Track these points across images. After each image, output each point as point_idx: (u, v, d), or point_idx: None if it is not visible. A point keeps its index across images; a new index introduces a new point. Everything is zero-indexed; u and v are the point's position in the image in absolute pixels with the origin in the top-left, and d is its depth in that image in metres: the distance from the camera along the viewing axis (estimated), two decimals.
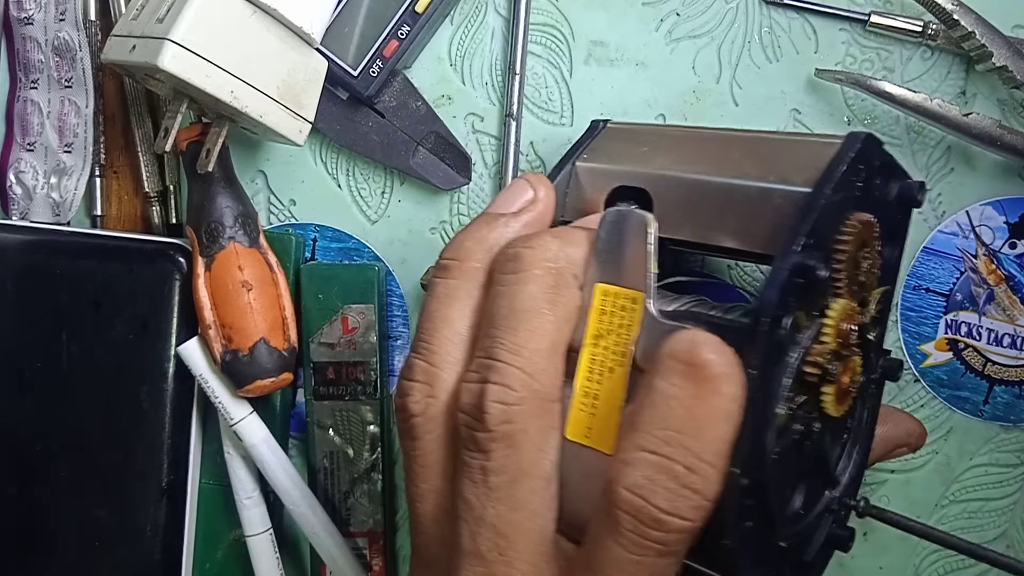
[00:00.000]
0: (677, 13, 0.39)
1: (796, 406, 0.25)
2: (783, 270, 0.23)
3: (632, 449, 0.23)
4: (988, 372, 0.39)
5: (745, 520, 0.24)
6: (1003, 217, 0.38)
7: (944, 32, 0.36)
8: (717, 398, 0.22)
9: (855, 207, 0.26)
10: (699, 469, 0.22)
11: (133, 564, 0.40)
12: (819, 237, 0.24)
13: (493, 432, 0.25)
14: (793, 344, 0.24)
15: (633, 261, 0.26)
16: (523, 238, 0.28)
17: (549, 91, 0.40)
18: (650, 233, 0.26)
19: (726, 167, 0.28)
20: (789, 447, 0.26)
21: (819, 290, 0.25)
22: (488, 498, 0.25)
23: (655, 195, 0.30)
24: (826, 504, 0.29)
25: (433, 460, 0.28)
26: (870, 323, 0.28)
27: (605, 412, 0.26)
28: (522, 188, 0.30)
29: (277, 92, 0.35)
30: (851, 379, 0.26)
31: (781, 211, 0.26)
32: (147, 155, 0.42)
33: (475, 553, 0.25)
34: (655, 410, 0.23)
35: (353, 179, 0.41)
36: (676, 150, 0.31)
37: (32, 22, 0.41)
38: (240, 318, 0.37)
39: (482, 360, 0.26)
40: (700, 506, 0.23)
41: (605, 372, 0.26)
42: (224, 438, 0.40)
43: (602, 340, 0.26)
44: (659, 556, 0.23)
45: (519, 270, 0.27)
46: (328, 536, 0.40)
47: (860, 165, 0.26)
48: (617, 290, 0.26)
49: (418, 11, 0.37)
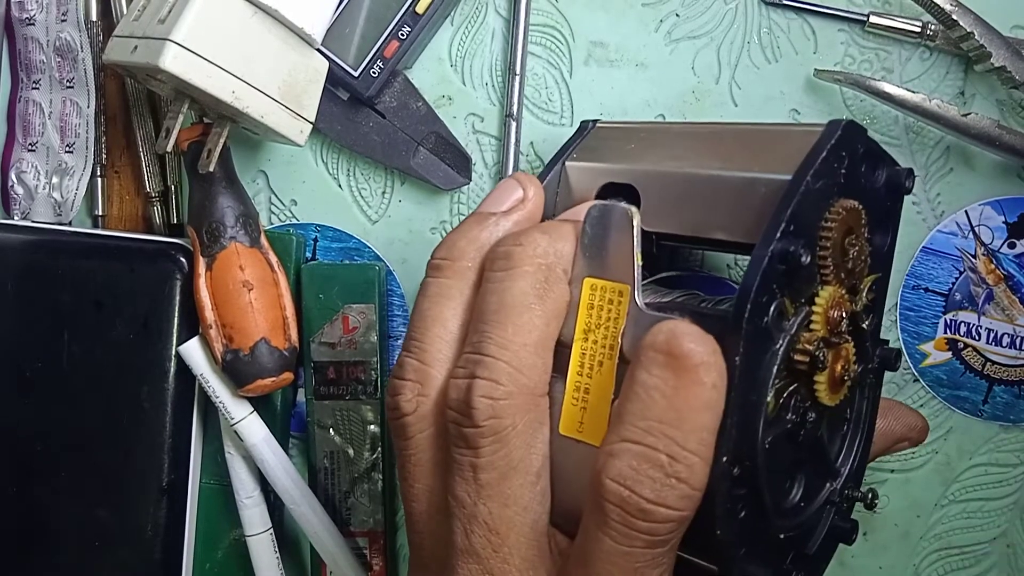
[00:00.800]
0: (677, 14, 0.39)
1: (787, 395, 0.25)
2: (764, 256, 0.23)
3: (616, 440, 0.23)
4: (987, 372, 0.39)
5: (738, 510, 0.24)
6: (1002, 217, 0.38)
7: (943, 32, 0.37)
8: (698, 387, 0.22)
9: (840, 194, 0.26)
10: (683, 458, 0.22)
11: (133, 564, 0.40)
12: (801, 224, 0.24)
13: (481, 428, 0.25)
14: (779, 331, 0.24)
15: (618, 254, 0.26)
16: (513, 236, 0.28)
17: (549, 92, 0.40)
18: (634, 226, 0.26)
19: (712, 159, 0.29)
20: (782, 437, 0.26)
21: (804, 277, 0.25)
22: (479, 495, 0.25)
23: (642, 190, 0.30)
24: (827, 496, 0.29)
25: (426, 459, 0.28)
26: (862, 311, 0.28)
27: (596, 406, 0.26)
28: (512, 187, 0.31)
29: (278, 92, 0.35)
30: (844, 367, 0.26)
31: (766, 200, 0.26)
32: (148, 155, 0.42)
33: (469, 550, 0.26)
34: (637, 401, 0.23)
35: (354, 179, 0.42)
36: (663, 146, 0.31)
37: (34, 23, 0.42)
38: (241, 318, 0.38)
39: (470, 355, 0.26)
40: (687, 495, 0.23)
41: (595, 366, 0.26)
42: (225, 438, 0.40)
43: (591, 334, 0.26)
44: (648, 547, 0.23)
45: (509, 267, 0.27)
46: (328, 536, 0.40)
47: (842, 152, 0.26)
48: (604, 284, 0.26)
49: (419, 12, 0.38)
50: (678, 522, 0.23)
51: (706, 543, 0.24)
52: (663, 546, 0.23)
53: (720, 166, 0.28)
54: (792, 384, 0.25)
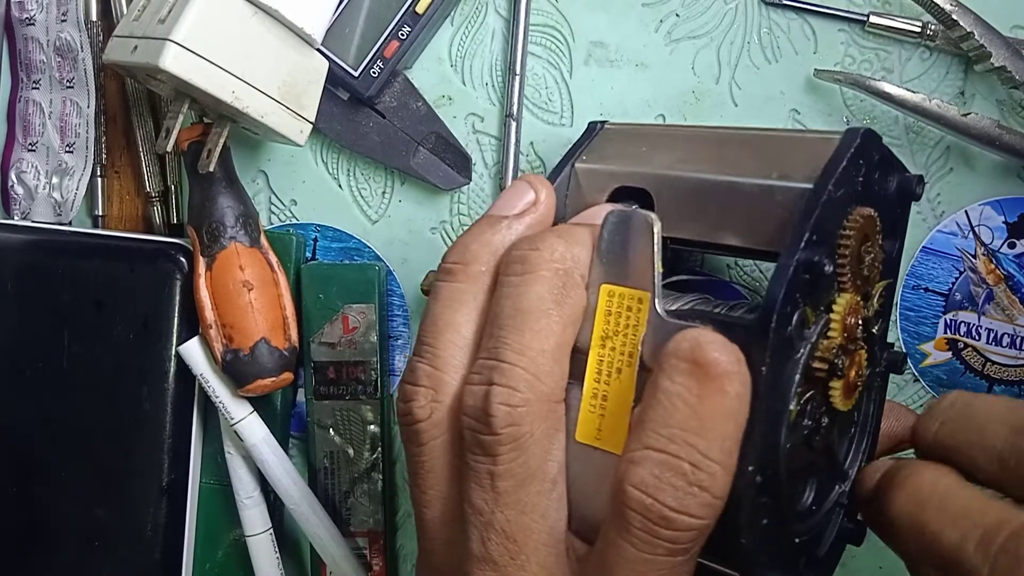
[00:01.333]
0: (677, 14, 0.39)
1: (804, 401, 0.25)
2: (789, 266, 0.23)
3: (639, 448, 0.23)
4: (987, 372, 0.39)
5: (760, 518, 0.24)
6: (1002, 217, 0.38)
7: (943, 32, 0.37)
8: (721, 396, 0.22)
9: (856, 201, 0.26)
10: (706, 467, 0.22)
11: (133, 564, 0.40)
12: (823, 232, 0.25)
13: (499, 435, 0.25)
14: (800, 340, 0.24)
15: (638, 261, 0.26)
16: (528, 239, 0.28)
17: (549, 92, 0.40)
18: (655, 233, 0.26)
19: (726, 165, 0.29)
20: (799, 443, 0.26)
21: (824, 285, 0.25)
22: (497, 503, 0.25)
23: (656, 195, 0.30)
24: (837, 498, 0.29)
25: (440, 465, 0.28)
26: (873, 317, 0.28)
27: (615, 413, 0.26)
28: (523, 190, 0.30)
29: (278, 92, 0.35)
30: (857, 373, 0.26)
31: (784, 208, 0.26)
32: (148, 155, 0.42)
33: (486, 558, 0.25)
34: (661, 409, 0.23)
35: (354, 179, 0.42)
36: (675, 149, 0.31)
37: (34, 23, 0.42)
38: (241, 318, 0.38)
39: (485, 361, 0.26)
40: (709, 504, 0.23)
41: (613, 373, 0.26)
42: (224, 438, 0.40)
43: (609, 341, 0.26)
44: (670, 555, 0.23)
45: (525, 271, 0.27)
46: (328, 536, 0.40)
47: (860, 160, 0.26)
48: (623, 290, 0.26)
49: (419, 12, 0.38)
50: (700, 530, 0.23)
51: (729, 551, 0.24)
52: (684, 554, 0.23)
53: (735, 172, 0.28)
54: (810, 391, 0.25)
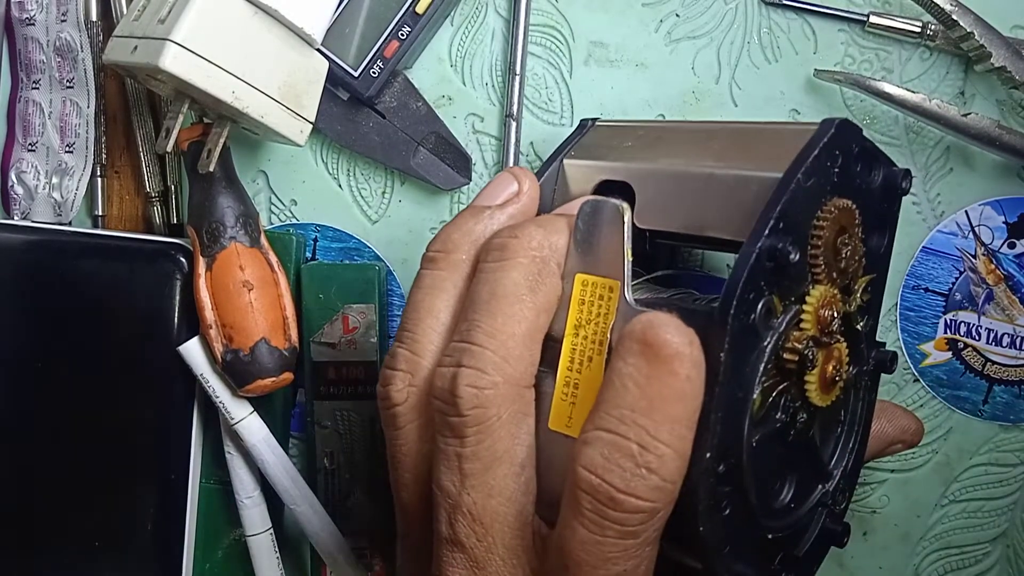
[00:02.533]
0: (677, 14, 0.39)
1: (777, 394, 0.25)
2: (752, 253, 0.23)
3: (591, 429, 0.23)
4: (987, 372, 0.39)
5: (722, 508, 0.24)
6: (1002, 217, 0.38)
7: (943, 32, 0.37)
8: (672, 377, 0.22)
9: (833, 193, 0.26)
10: (653, 448, 0.22)
11: (133, 564, 0.40)
12: (791, 221, 0.24)
13: (465, 417, 0.25)
14: (767, 329, 0.24)
15: (609, 250, 0.26)
16: (508, 228, 0.28)
17: (549, 92, 0.40)
18: (625, 222, 0.26)
19: (706, 157, 0.29)
20: (772, 436, 0.26)
21: (793, 275, 0.25)
22: (464, 484, 0.25)
23: (637, 188, 0.30)
24: (819, 498, 0.29)
25: (415, 449, 0.28)
26: (856, 312, 0.28)
27: (585, 401, 0.26)
28: (507, 181, 0.31)
29: (278, 93, 0.35)
30: (836, 368, 0.26)
31: (758, 198, 0.26)
32: (148, 155, 0.42)
33: (454, 540, 0.26)
34: (613, 390, 0.23)
35: (354, 179, 0.42)
36: (659, 144, 0.31)
37: (34, 23, 0.42)
38: (241, 318, 0.38)
39: (457, 344, 0.26)
40: (658, 487, 0.22)
41: (585, 361, 0.26)
42: (225, 438, 0.40)
43: (582, 330, 0.26)
44: (620, 537, 0.23)
45: (503, 258, 0.27)
46: (328, 536, 0.40)
47: (835, 150, 0.26)
48: (595, 279, 0.26)
49: (419, 12, 0.38)
50: (649, 513, 0.23)
51: (690, 539, 0.24)
52: (634, 538, 0.23)
53: (713, 164, 0.28)
54: (782, 383, 0.25)
